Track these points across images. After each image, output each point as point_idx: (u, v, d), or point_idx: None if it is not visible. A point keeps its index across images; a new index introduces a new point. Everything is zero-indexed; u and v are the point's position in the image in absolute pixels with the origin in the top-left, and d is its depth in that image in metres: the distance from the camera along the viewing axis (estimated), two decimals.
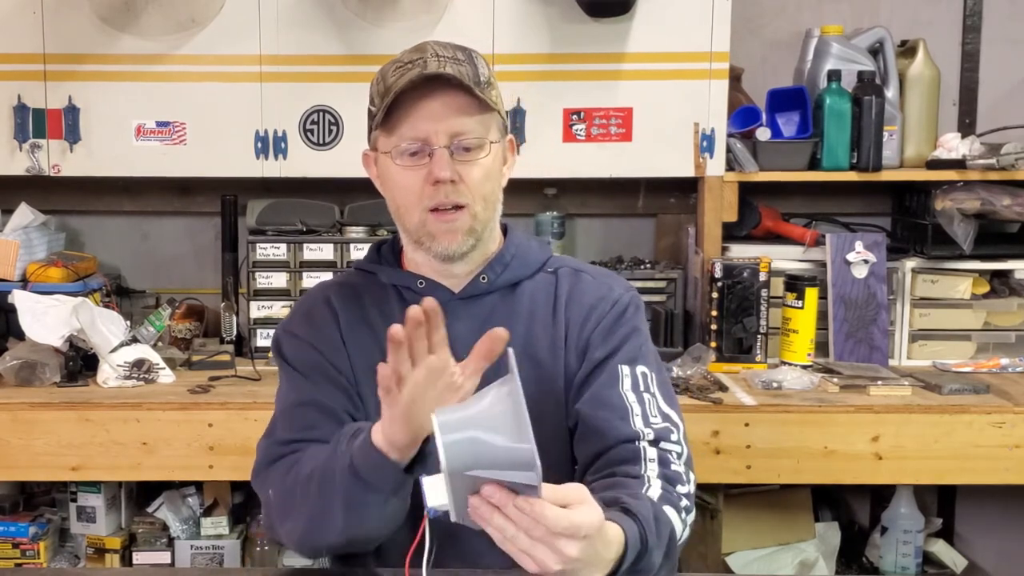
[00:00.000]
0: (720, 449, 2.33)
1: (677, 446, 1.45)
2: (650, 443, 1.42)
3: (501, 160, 1.51)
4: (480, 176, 1.45)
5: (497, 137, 1.48)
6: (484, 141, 1.45)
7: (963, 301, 2.77)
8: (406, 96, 1.43)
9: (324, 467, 1.35)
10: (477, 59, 1.47)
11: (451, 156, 1.43)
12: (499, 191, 1.52)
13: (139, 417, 2.34)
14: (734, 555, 2.64)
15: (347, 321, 1.53)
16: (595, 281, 1.57)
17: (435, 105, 1.42)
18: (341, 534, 1.36)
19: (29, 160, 2.71)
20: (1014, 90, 3.08)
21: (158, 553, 2.64)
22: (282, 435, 1.48)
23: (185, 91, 2.70)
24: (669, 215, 3.07)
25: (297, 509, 1.39)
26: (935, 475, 2.41)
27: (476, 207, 1.45)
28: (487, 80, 1.46)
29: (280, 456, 1.45)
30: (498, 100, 1.49)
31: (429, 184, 1.43)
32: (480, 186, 1.45)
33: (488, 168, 1.46)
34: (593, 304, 1.53)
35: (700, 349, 2.64)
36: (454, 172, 1.42)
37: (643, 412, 1.45)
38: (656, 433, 1.43)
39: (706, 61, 2.70)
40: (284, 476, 1.43)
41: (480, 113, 1.44)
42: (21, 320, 2.50)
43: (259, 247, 2.78)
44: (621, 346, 1.50)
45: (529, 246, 1.59)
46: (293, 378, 1.52)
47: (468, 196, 1.44)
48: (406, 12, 2.65)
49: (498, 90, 1.50)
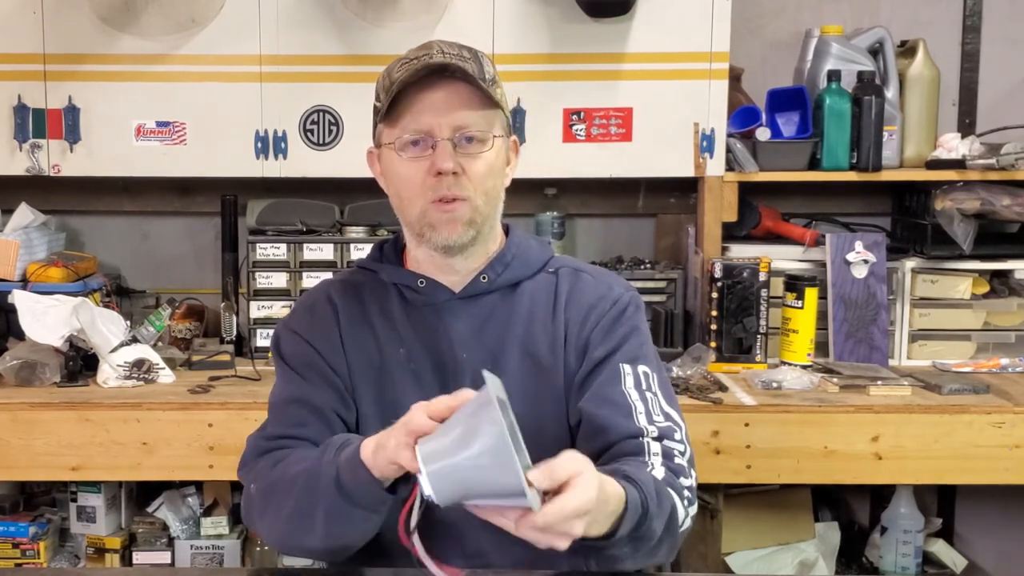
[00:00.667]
0: (720, 449, 2.33)
1: (680, 444, 1.45)
2: (654, 439, 1.43)
3: (505, 157, 1.51)
4: (483, 169, 1.45)
5: (501, 133, 1.48)
6: (487, 135, 1.45)
7: (963, 301, 2.77)
8: (410, 88, 1.43)
9: (309, 474, 1.35)
10: (483, 58, 1.47)
11: (454, 148, 1.43)
12: (501, 189, 1.51)
13: (139, 417, 2.34)
14: (734, 555, 2.64)
15: (347, 319, 1.53)
16: (595, 280, 1.57)
17: (439, 96, 1.42)
18: (321, 541, 1.37)
19: (29, 160, 2.71)
20: (1014, 90, 3.08)
21: (158, 553, 2.64)
22: (271, 430, 1.50)
23: (185, 91, 2.70)
24: (669, 215, 3.07)
25: (277, 508, 1.40)
26: (935, 475, 2.41)
27: (477, 200, 1.45)
28: (492, 78, 1.46)
29: (266, 451, 1.47)
30: (503, 99, 1.49)
31: (431, 176, 1.43)
32: (482, 180, 1.45)
33: (491, 163, 1.46)
34: (593, 303, 1.53)
35: (700, 349, 2.64)
36: (457, 164, 1.42)
37: (646, 410, 1.45)
38: (660, 431, 1.44)
39: (706, 61, 2.70)
40: (267, 472, 1.44)
41: (484, 108, 1.44)
42: (21, 320, 2.50)
43: (259, 247, 2.78)
44: (621, 345, 1.51)
45: (530, 246, 1.59)
46: (287, 374, 1.54)
47: (470, 189, 1.44)
48: (406, 12, 2.65)
49: (503, 90, 1.50)
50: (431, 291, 1.52)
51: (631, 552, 1.29)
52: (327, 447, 1.37)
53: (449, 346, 1.50)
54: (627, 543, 1.27)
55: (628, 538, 1.27)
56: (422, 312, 1.52)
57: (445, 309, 1.51)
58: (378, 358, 1.52)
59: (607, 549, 1.26)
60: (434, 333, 1.51)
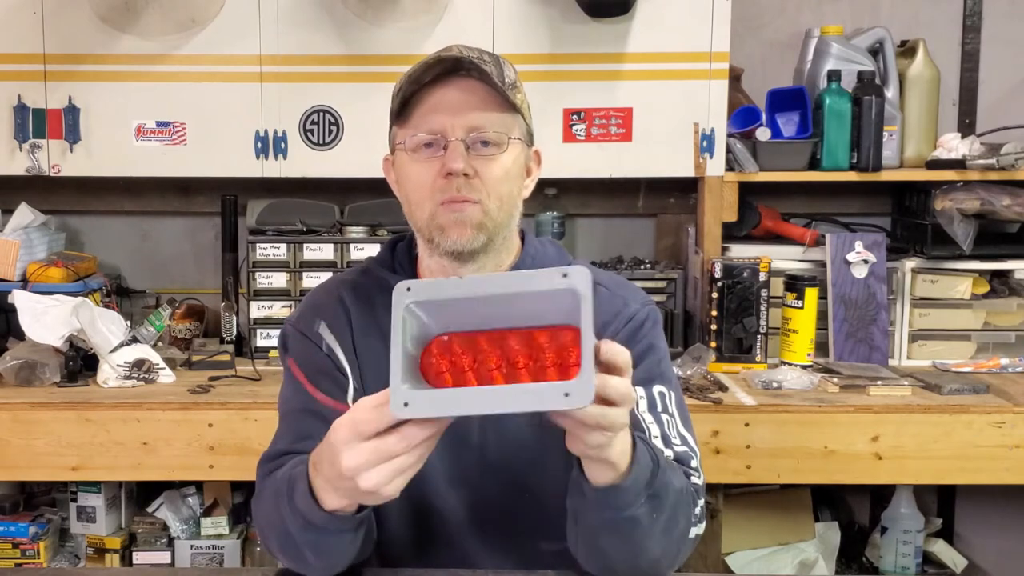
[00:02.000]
0: (720, 449, 2.34)
1: (695, 473, 1.40)
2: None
3: (523, 164, 1.43)
4: (499, 173, 1.36)
5: (520, 136, 1.40)
6: (504, 137, 1.36)
7: (963, 301, 2.77)
8: (425, 87, 1.36)
9: (280, 530, 1.28)
10: (504, 64, 1.40)
11: (467, 150, 1.35)
12: (518, 197, 1.42)
13: (139, 417, 2.34)
14: (734, 555, 2.64)
15: (359, 326, 1.47)
16: (611, 295, 1.48)
17: (453, 95, 1.35)
18: (325, 571, 1.32)
19: (29, 160, 2.71)
20: (1014, 90, 3.08)
21: (158, 553, 2.64)
22: (279, 446, 1.43)
23: (185, 91, 2.70)
24: (669, 215, 3.07)
25: (273, 546, 1.35)
26: (935, 475, 2.41)
27: (490, 204, 1.36)
28: (513, 83, 1.38)
29: (272, 471, 1.41)
30: (523, 104, 1.41)
31: (441, 177, 1.35)
32: (497, 184, 1.36)
33: (507, 167, 1.37)
34: (607, 321, 1.45)
35: (700, 349, 2.64)
36: (468, 165, 1.34)
37: (662, 433, 1.39)
38: (676, 455, 1.38)
39: (706, 61, 2.70)
40: (257, 504, 1.39)
41: (502, 110, 1.36)
42: (21, 320, 2.50)
43: (259, 247, 2.78)
44: (635, 365, 1.45)
45: (546, 254, 1.51)
46: (296, 380, 1.46)
47: (483, 192, 1.36)
48: (406, 12, 2.65)
49: (524, 96, 1.42)
50: None
51: (649, 514, 1.22)
52: (279, 493, 1.29)
53: None
54: (644, 498, 1.21)
55: (644, 492, 1.20)
56: None
57: None
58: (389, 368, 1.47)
59: (627, 507, 1.20)
60: None
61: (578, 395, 1.01)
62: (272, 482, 1.35)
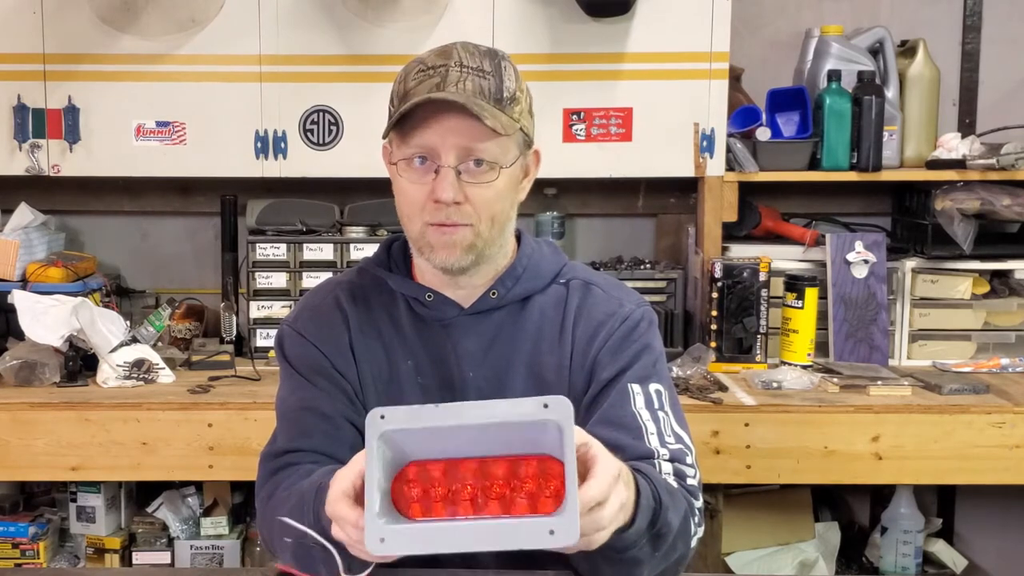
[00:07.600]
0: (720, 449, 2.33)
1: (691, 469, 1.41)
2: (666, 461, 1.38)
3: (518, 178, 1.43)
4: (490, 197, 1.37)
5: (514, 157, 1.39)
6: (496, 165, 1.36)
7: (963, 301, 2.77)
8: (421, 106, 1.35)
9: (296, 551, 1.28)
10: (505, 69, 1.38)
11: (458, 176, 1.35)
12: (511, 209, 1.43)
13: (139, 417, 2.34)
14: (734, 555, 2.64)
15: (357, 326, 1.48)
16: (606, 296, 1.49)
17: (449, 121, 1.34)
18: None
19: (29, 160, 2.71)
20: (1014, 90, 3.08)
21: (158, 553, 2.64)
22: (280, 444, 1.44)
23: (185, 91, 2.70)
24: (669, 215, 3.07)
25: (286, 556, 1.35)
26: (935, 475, 2.41)
27: (481, 226, 1.38)
28: (511, 95, 1.37)
29: (275, 470, 1.42)
30: (522, 115, 1.40)
31: (432, 201, 1.36)
32: (488, 207, 1.37)
33: (499, 189, 1.38)
34: (602, 321, 1.47)
35: (700, 349, 2.64)
36: (458, 194, 1.35)
37: (658, 431, 1.40)
38: (671, 453, 1.39)
39: (706, 61, 2.70)
40: (262, 508, 1.40)
41: (497, 135, 1.35)
42: (21, 320, 2.50)
43: (259, 247, 2.78)
44: (631, 364, 1.45)
45: (542, 255, 1.52)
46: (293, 379, 1.48)
47: (473, 216, 1.37)
48: (406, 12, 2.65)
49: (524, 103, 1.41)
50: (439, 306, 1.46)
51: (650, 553, 1.24)
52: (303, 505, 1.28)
53: (456, 363, 1.46)
54: (646, 539, 1.22)
55: (647, 533, 1.22)
56: (431, 327, 1.47)
57: (453, 325, 1.46)
58: (387, 369, 1.47)
59: (627, 549, 1.21)
60: (442, 349, 1.46)
61: (564, 533, 1.00)
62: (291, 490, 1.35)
